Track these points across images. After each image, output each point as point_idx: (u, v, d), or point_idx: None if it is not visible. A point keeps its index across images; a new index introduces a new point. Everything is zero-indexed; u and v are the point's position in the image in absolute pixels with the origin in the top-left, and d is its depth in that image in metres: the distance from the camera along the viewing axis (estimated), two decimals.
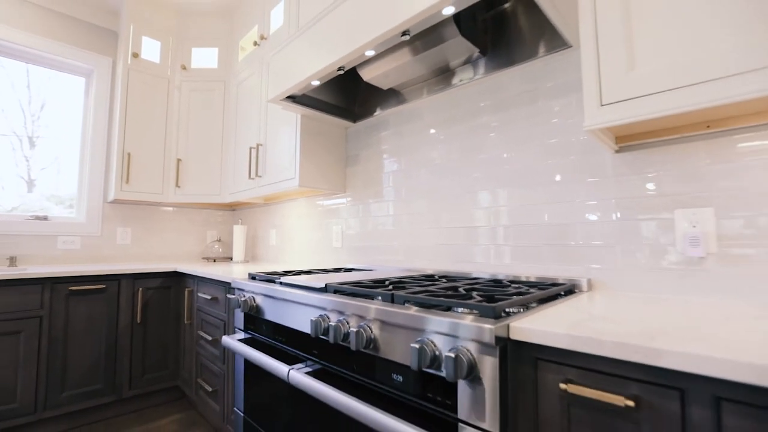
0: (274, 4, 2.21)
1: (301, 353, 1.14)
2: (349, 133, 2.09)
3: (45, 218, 2.35)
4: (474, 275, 1.41)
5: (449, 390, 0.74)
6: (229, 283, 1.70)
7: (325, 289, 1.12)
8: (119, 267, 2.15)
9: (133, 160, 2.40)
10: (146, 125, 2.47)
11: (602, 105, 0.89)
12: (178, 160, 2.55)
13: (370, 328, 0.89)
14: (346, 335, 0.93)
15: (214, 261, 2.84)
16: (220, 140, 2.60)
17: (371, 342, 0.88)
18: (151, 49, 2.54)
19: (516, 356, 0.70)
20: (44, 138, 2.42)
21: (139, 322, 2.13)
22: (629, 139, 1.09)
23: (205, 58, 2.69)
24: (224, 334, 1.76)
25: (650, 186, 1.07)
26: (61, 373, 1.90)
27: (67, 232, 2.40)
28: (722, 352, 0.50)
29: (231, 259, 2.98)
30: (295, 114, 1.92)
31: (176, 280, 2.30)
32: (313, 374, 1.06)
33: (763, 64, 0.69)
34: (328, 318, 1.01)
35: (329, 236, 2.18)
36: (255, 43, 2.30)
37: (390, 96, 1.79)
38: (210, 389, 1.83)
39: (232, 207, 3.14)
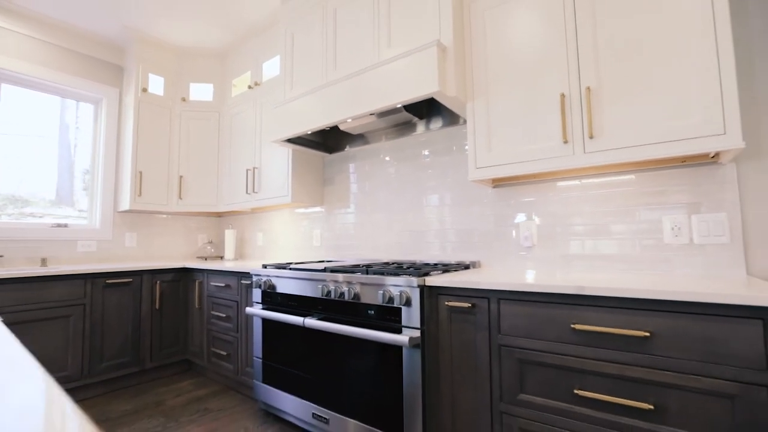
0: (267, 58, 2.85)
1: (309, 311, 1.84)
2: (326, 161, 2.80)
3: (65, 226, 2.80)
4: (414, 261, 2.19)
5: (397, 313, 1.49)
6: (247, 273, 2.34)
7: (324, 270, 1.83)
8: (141, 265, 2.68)
9: (144, 176, 2.92)
10: (153, 148, 2.99)
11: (477, 167, 1.70)
12: (180, 177, 3.09)
13: (355, 288, 1.62)
14: (342, 293, 1.66)
15: (206, 259, 3.39)
16: (216, 160, 3.18)
17: (357, 295, 1.62)
18: (155, 84, 3.07)
19: (428, 294, 1.47)
20: None
21: (157, 308, 2.68)
22: (498, 182, 1.93)
23: (201, 92, 3.25)
24: (237, 312, 2.39)
25: (509, 208, 1.91)
26: (100, 348, 2.41)
27: (85, 237, 2.86)
28: (502, 280, 1.29)
29: (222, 257, 3.55)
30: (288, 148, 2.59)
31: (185, 274, 2.86)
32: (321, 320, 1.77)
33: (536, 158, 1.52)
34: (329, 285, 1.73)
35: (310, 237, 2.86)
36: (249, 87, 2.92)
37: (358, 138, 2.53)
38: (224, 353, 2.44)
39: (220, 214, 3.69)
